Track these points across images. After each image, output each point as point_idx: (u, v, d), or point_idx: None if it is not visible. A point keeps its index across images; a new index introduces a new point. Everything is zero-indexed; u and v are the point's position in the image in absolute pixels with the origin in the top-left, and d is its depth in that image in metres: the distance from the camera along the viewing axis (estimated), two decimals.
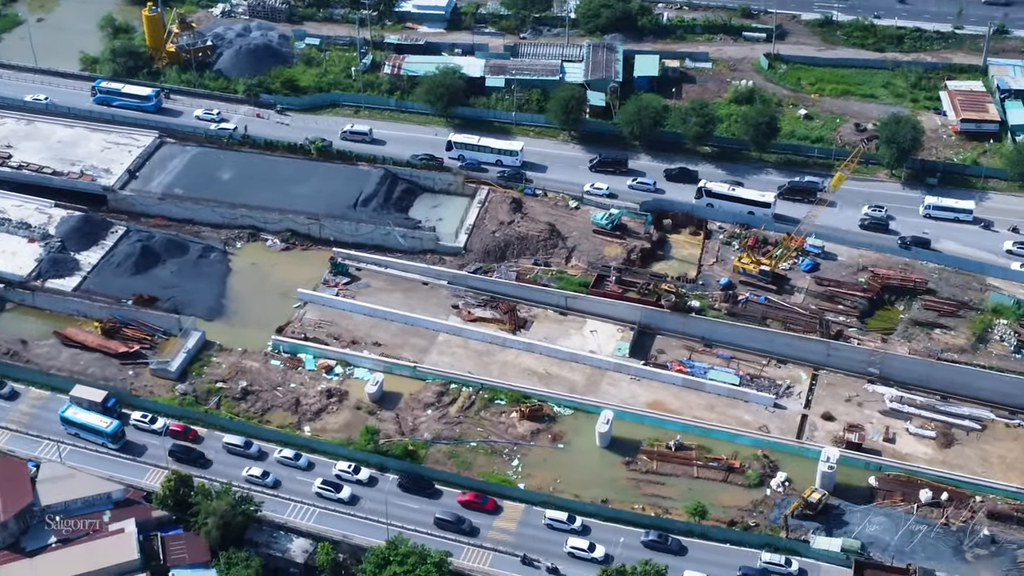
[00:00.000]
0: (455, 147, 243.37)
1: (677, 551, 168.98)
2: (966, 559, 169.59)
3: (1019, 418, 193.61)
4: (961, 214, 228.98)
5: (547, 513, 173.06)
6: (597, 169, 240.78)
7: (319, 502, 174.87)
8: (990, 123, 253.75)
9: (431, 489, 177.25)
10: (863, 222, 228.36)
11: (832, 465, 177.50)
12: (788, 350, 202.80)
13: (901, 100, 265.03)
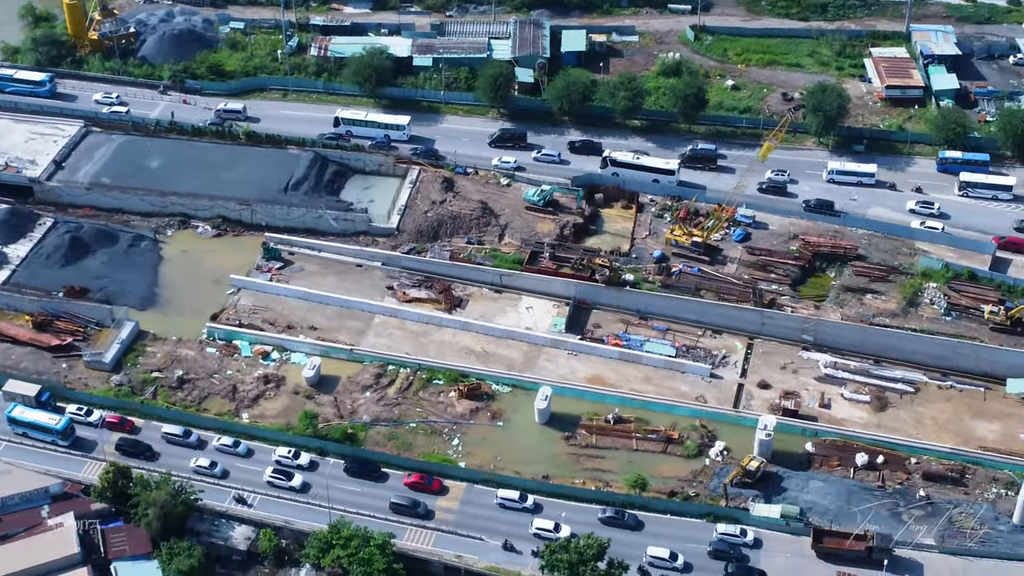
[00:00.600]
0: (342, 123, 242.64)
1: (634, 526, 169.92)
2: (903, 520, 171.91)
3: (951, 380, 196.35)
4: (864, 177, 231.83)
5: (499, 493, 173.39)
6: (496, 144, 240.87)
7: (260, 489, 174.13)
8: (914, 89, 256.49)
9: (377, 472, 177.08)
10: (762, 186, 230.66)
11: (769, 433, 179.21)
12: (723, 320, 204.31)
13: (826, 68, 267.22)
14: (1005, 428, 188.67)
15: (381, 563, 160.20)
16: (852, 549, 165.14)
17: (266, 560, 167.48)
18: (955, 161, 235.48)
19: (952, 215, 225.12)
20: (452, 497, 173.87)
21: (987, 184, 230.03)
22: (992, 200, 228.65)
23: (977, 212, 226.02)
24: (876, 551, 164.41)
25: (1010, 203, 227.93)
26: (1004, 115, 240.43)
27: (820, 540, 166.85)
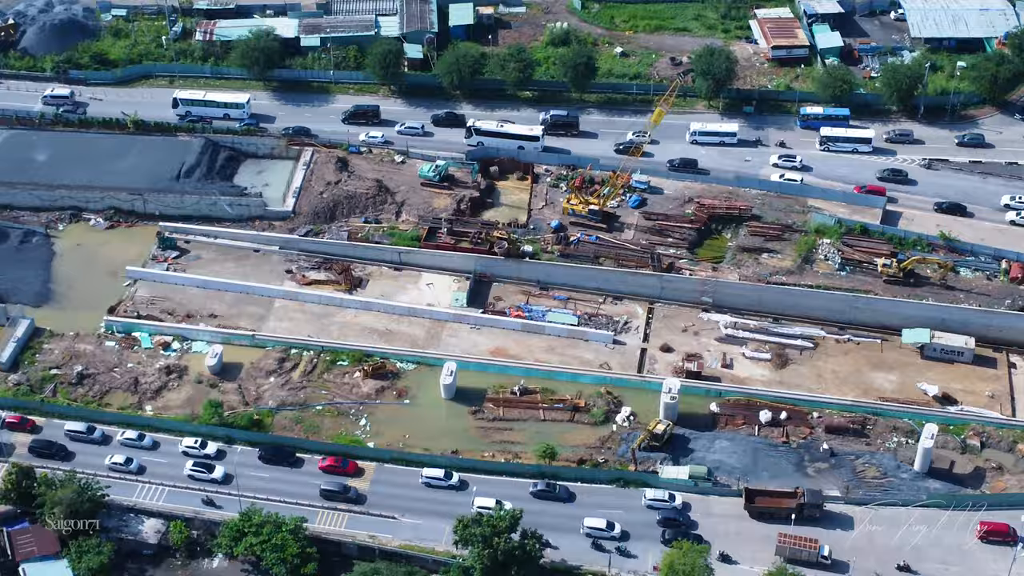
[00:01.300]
0: (180, 104, 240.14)
1: (566, 498, 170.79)
2: (808, 474, 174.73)
3: (848, 333, 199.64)
4: (726, 137, 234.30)
5: (424, 472, 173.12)
6: (350, 120, 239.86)
7: (167, 481, 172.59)
8: (800, 48, 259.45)
9: (292, 458, 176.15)
10: (618, 147, 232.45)
11: (674, 395, 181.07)
12: (623, 286, 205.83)
13: (713, 32, 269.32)
14: (902, 378, 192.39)
15: (294, 548, 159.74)
16: (784, 507, 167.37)
17: (178, 552, 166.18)
18: (816, 117, 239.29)
19: (815, 168, 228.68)
20: (364, 478, 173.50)
21: (847, 138, 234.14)
22: (853, 153, 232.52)
23: (839, 164, 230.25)
24: (807, 507, 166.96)
25: (870, 155, 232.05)
26: (887, 70, 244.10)
27: (752, 500, 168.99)
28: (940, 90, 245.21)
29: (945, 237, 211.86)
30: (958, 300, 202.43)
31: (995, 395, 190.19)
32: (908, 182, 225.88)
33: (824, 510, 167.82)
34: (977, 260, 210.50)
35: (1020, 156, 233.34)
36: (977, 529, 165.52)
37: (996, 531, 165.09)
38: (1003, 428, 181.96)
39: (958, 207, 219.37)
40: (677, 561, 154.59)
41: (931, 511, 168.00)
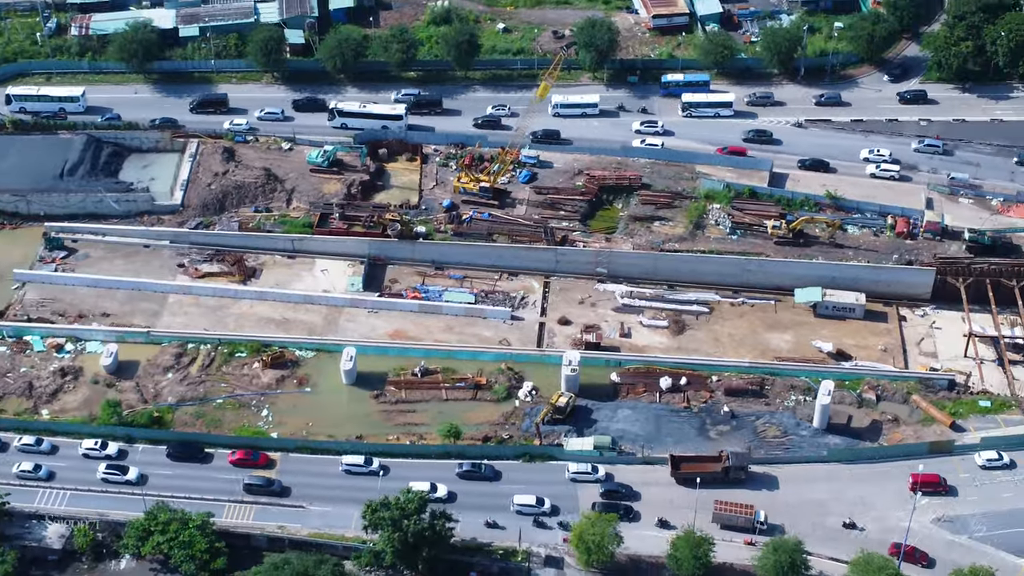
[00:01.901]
0: (14, 100, 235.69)
1: (492, 477, 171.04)
2: (710, 437, 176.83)
3: (742, 296, 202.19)
4: (588, 108, 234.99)
5: (344, 459, 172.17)
6: (197, 110, 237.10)
7: (69, 485, 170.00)
8: (680, 16, 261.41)
9: (202, 454, 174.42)
10: (476, 121, 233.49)
11: (575, 368, 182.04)
12: (518, 262, 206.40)
13: (594, 3, 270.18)
14: (797, 337, 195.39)
15: (202, 544, 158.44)
16: (709, 471, 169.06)
17: (84, 556, 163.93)
18: (677, 84, 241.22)
19: (678, 132, 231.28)
20: (269, 469, 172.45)
21: (708, 103, 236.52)
22: (715, 117, 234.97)
23: (703, 128, 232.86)
24: (733, 470, 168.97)
25: (732, 118, 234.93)
26: (767, 34, 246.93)
27: (678, 467, 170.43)
28: (819, 51, 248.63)
29: (832, 196, 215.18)
30: (847, 257, 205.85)
31: (887, 348, 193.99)
32: (773, 142, 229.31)
33: (749, 472, 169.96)
34: (864, 217, 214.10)
35: (899, 113, 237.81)
36: (909, 481, 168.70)
37: (928, 482, 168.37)
38: (897, 380, 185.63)
39: (821, 163, 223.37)
40: (587, 532, 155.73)
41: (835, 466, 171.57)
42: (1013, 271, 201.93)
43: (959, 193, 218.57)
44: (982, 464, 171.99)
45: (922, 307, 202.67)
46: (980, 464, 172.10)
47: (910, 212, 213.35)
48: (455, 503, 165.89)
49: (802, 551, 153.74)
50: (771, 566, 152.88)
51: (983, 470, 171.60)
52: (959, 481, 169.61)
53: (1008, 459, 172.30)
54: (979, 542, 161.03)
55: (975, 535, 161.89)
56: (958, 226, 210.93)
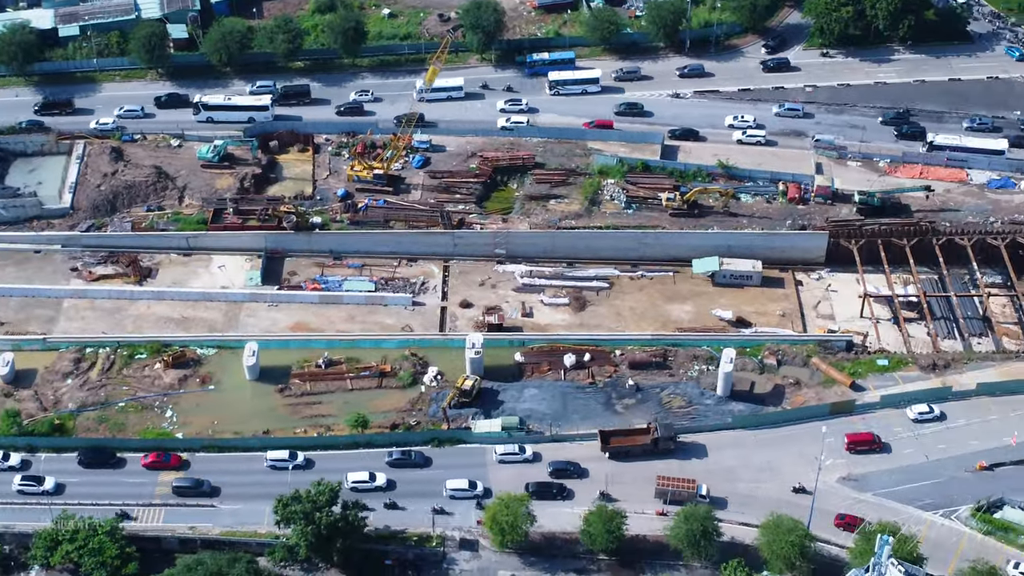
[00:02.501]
0: None
1: (423, 464, 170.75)
2: (617, 411, 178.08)
3: (641, 269, 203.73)
4: (453, 91, 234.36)
5: (268, 455, 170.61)
6: (43, 112, 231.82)
7: (10, 499, 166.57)
8: None
9: (114, 459, 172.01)
10: (339, 109, 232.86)
11: (478, 350, 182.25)
12: (416, 247, 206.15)
13: None
14: (697, 307, 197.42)
15: (113, 550, 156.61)
16: (639, 444, 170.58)
17: None
18: (543, 63, 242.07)
19: (548, 110, 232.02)
20: (177, 470, 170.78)
21: (575, 80, 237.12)
22: (583, 94, 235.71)
23: (573, 104, 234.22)
24: (662, 441, 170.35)
25: (599, 94, 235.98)
26: (651, 8, 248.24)
27: (607, 441, 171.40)
28: (704, 23, 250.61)
29: (724, 165, 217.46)
30: (742, 226, 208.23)
31: (786, 313, 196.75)
32: (644, 114, 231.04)
33: (678, 442, 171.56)
34: (756, 184, 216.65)
35: (769, 81, 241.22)
36: (844, 442, 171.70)
37: (861, 440, 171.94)
38: (796, 344, 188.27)
39: (691, 132, 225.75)
40: (500, 513, 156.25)
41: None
42: (903, 231, 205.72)
43: (847, 156, 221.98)
44: (914, 418, 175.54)
45: (817, 271, 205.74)
46: (912, 418, 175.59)
47: (801, 178, 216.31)
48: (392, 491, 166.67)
49: (713, 518, 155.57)
50: (683, 535, 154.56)
51: (915, 423, 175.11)
52: (892, 436, 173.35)
53: (939, 411, 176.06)
54: (884, 498, 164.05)
55: (879, 492, 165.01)
56: (848, 189, 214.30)
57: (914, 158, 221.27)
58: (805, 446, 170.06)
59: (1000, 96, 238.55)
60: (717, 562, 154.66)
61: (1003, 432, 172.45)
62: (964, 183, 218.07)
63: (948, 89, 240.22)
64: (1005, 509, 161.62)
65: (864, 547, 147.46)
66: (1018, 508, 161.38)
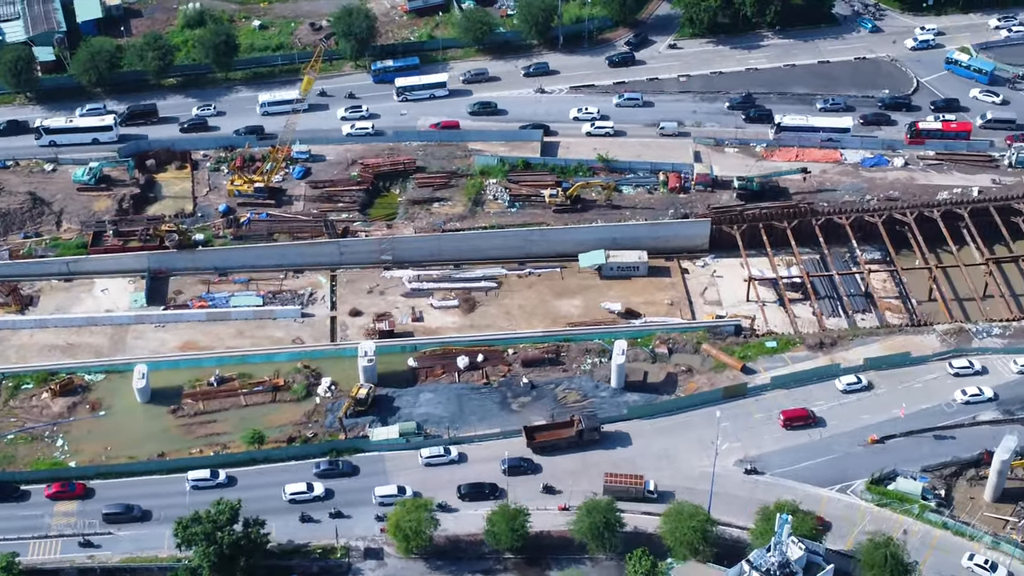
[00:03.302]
0: None
1: (351, 472, 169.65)
2: (513, 409, 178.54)
3: (528, 267, 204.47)
4: (294, 103, 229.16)
5: (189, 475, 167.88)
6: None
7: None
8: None
9: (17, 492, 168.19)
10: (183, 126, 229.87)
11: (371, 358, 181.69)
12: (302, 259, 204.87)
13: None
14: (586, 301, 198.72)
15: None
16: (564, 437, 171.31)
17: None
18: (388, 70, 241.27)
19: (391, 117, 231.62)
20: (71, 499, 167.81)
21: (422, 85, 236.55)
22: (431, 99, 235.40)
23: (420, 108, 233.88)
24: (587, 432, 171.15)
25: (447, 97, 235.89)
26: (522, 6, 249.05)
27: (533, 437, 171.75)
28: (575, 18, 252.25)
29: (603, 159, 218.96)
30: (626, 217, 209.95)
31: (674, 302, 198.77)
32: (499, 112, 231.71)
33: (602, 432, 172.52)
34: (637, 176, 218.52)
35: (661, 72, 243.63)
36: (779, 419, 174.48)
37: (796, 416, 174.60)
38: (686, 332, 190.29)
39: (541, 126, 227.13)
40: (403, 519, 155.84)
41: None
42: (783, 213, 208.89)
43: (724, 143, 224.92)
44: (843, 389, 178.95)
45: (702, 258, 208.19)
46: (841, 389, 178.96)
47: (680, 167, 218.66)
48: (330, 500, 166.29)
49: (615, 509, 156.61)
50: (587, 528, 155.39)
51: (844, 394, 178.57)
52: (824, 410, 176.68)
53: (866, 381, 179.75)
54: (781, 477, 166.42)
55: (775, 472, 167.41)
56: (727, 175, 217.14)
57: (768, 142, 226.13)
58: (702, 431, 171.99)
59: (868, 76, 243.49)
60: (622, 553, 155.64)
61: (891, 405, 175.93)
62: (839, 163, 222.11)
63: (818, 71, 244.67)
64: (898, 480, 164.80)
65: (764, 527, 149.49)
66: (910, 478, 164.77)
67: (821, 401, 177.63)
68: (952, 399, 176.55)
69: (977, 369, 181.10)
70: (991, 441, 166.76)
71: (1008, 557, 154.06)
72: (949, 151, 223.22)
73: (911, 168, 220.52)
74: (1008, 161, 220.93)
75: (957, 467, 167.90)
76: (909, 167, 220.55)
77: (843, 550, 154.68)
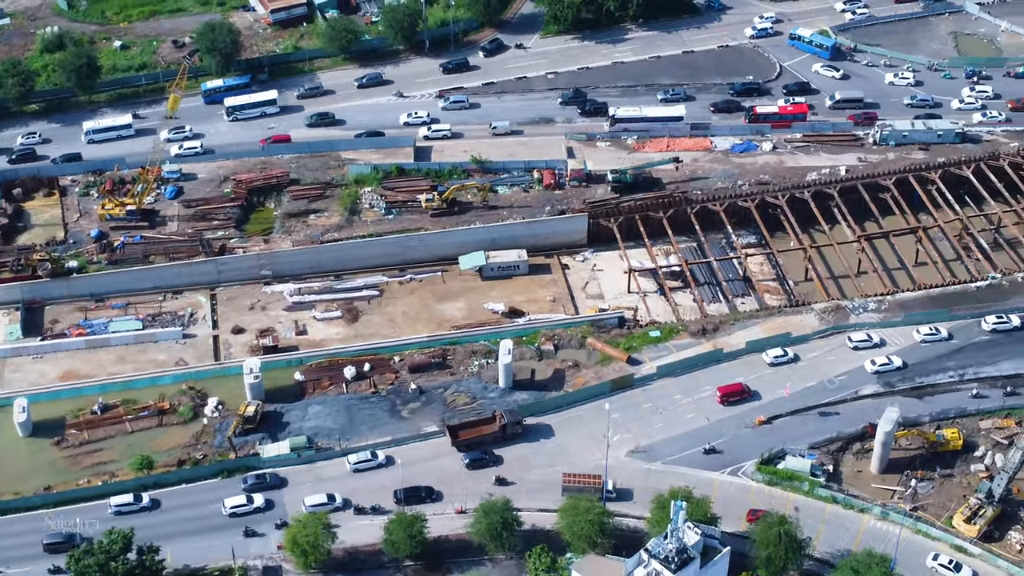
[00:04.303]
0: None
1: (279, 485, 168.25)
2: (403, 416, 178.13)
3: (409, 273, 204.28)
4: (122, 130, 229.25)
5: (112, 500, 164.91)
6: None
7: None
8: (298, 7, 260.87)
9: None
10: (11, 157, 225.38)
11: (257, 375, 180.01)
12: (180, 279, 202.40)
13: (209, 7, 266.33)
14: (469, 303, 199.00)
15: None
16: (488, 433, 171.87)
17: None
18: (218, 90, 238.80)
19: (220, 137, 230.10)
20: None
21: (252, 103, 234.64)
22: (262, 116, 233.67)
23: (252, 128, 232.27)
24: (510, 426, 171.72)
25: (278, 115, 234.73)
26: (386, 12, 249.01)
27: (456, 436, 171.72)
28: (441, 21, 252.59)
29: (477, 160, 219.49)
30: (503, 217, 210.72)
31: (556, 298, 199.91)
32: (337, 122, 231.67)
33: (524, 425, 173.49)
34: (511, 175, 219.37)
35: (529, 70, 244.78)
36: (717, 395, 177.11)
37: (732, 392, 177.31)
38: (570, 327, 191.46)
39: (377, 133, 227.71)
40: (299, 534, 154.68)
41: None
42: (658, 203, 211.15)
43: (596, 137, 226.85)
44: (770, 362, 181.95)
45: (581, 252, 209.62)
46: (768, 362, 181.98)
47: (554, 163, 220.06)
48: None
49: (512, 509, 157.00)
50: (485, 529, 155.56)
51: (771, 367, 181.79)
52: (755, 383, 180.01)
53: (792, 353, 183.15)
54: (672, 465, 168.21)
55: (667, 460, 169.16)
56: (600, 169, 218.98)
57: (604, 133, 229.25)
58: (592, 425, 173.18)
59: (731, 63, 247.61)
60: (521, 551, 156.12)
61: (776, 385, 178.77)
62: (709, 150, 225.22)
63: (683, 62, 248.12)
64: (787, 459, 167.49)
65: (660, 515, 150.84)
66: (798, 456, 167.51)
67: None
68: (837, 376, 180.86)
69: (876, 342, 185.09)
70: (874, 414, 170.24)
71: (898, 526, 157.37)
72: (816, 132, 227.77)
73: (780, 152, 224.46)
74: (872, 139, 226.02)
75: (843, 442, 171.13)
76: (778, 151, 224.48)
77: (738, 532, 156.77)
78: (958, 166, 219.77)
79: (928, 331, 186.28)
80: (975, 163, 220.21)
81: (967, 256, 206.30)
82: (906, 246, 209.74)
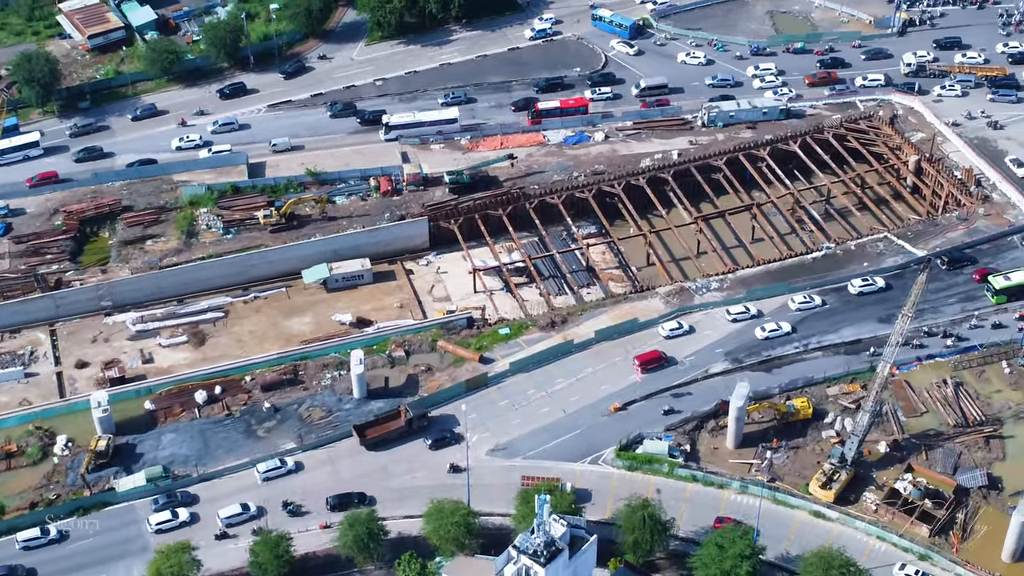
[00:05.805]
0: None
1: (190, 501, 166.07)
2: (259, 436, 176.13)
3: (253, 292, 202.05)
4: (31, 148, 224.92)
5: (19, 536, 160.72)
6: None
7: None
8: (116, 31, 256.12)
9: None
10: None
11: (105, 408, 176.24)
12: (16, 317, 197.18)
13: (23, 37, 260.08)
14: (316, 316, 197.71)
15: None
16: (395, 429, 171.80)
17: None
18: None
19: None
20: None
21: (14, 147, 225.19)
22: (25, 160, 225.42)
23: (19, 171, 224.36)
24: (416, 420, 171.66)
25: (41, 156, 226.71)
26: (207, 30, 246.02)
27: (364, 434, 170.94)
28: (264, 36, 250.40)
29: (312, 172, 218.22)
30: (343, 227, 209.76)
31: (403, 304, 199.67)
32: (106, 155, 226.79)
33: (430, 419, 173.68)
34: (348, 185, 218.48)
35: (356, 78, 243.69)
36: (635, 365, 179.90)
37: (650, 359, 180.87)
38: (420, 332, 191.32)
39: (150, 161, 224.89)
40: (163, 565, 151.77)
41: None
42: (497, 201, 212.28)
43: (429, 140, 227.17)
44: (666, 335, 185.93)
45: (425, 256, 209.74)
46: (664, 335, 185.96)
47: (390, 170, 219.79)
48: None
49: (376, 519, 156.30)
50: (351, 542, 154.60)
51: (668, 340, 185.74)
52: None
53: (688, 326, 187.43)
54: (533, 459, 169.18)
55: (528, 455, 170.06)
56: (437, 172, 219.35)
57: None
58: (450, 427, 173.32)
59: (557, 56, 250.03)
60: (390, 560, 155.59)
61: (627, 372, 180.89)
62: (543, 145, 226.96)
63: (510, 59, 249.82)
64: (644, 443, 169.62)
65: (525, 511, 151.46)
66: (655, 439, 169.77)
67: (561, 381, 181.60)
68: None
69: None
70: (725, 391, 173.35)
71: (757, 499, 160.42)
72: (645, 119, 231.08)
73: (612, 141, 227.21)
74: (701, 122, 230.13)
75: (697, 421, 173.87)
76: (610, 140, 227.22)
77: (603, 519, 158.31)
78: (785, 141, 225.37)
79: (803, 299, 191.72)
80: (801, 137, 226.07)
81: (801, 229, 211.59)
82: (742, 224, 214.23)
